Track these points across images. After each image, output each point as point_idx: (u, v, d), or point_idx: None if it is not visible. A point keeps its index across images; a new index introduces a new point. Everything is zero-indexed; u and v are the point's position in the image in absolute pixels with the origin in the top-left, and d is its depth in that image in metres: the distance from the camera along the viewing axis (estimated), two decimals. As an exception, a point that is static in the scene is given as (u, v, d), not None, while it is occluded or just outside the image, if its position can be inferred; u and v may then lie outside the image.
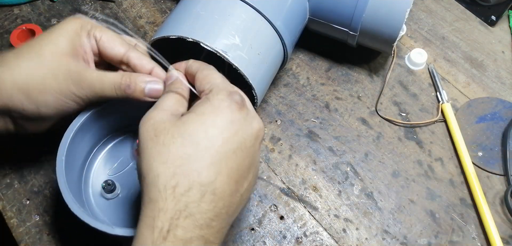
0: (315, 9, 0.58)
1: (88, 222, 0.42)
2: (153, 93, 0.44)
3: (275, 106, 0.61)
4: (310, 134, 0.59)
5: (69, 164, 0.47)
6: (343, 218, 0.53)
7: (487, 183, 0.56)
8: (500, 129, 0.60)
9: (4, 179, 0.53)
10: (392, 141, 0.59)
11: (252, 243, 0.51)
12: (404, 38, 0.69)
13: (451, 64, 0.67)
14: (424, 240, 0.52)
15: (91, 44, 0.45)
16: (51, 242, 0.50)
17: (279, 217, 0.53)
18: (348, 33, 0.59)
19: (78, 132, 0.48)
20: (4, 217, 0.51)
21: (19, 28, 0.62)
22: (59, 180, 0.44)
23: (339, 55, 0.66)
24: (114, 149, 0.54)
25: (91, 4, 0.69)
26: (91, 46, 0.45)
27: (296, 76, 0.64)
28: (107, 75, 0.44)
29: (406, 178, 0.56)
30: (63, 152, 0.46)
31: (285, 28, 0.54)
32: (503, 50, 0.69)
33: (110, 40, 0.46)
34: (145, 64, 0.46)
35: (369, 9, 0.56)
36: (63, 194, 0.43)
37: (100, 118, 0.51)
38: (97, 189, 0.51)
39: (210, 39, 0.48)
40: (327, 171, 0.56)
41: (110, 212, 0.50)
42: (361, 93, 0.63)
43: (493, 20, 0.71)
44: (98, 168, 0.53)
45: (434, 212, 0.54)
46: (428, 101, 0.63)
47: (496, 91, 0.64)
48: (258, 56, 0.51)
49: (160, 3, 0.70)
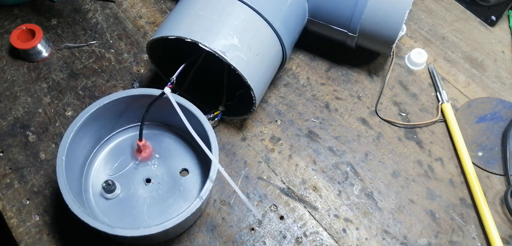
0: (314, 10, 0.58)
1: (88, 222, 0.42)
2: None
3: (275, 106, 0.61)
4: (310, 134, 0.59)
5: (69, 164, 0.47)
6: (343, 218, 0.53)
7: (487, 183, 0.56)
8: (500, 129, 0.60)
9: (4, 179, 0.53)
10: (392, 141, 0.59)
11: (252, 243, 0.51)
12: (404, 38, 0.69)
13: (451, 64, 0.67)
14: (424, 240, 0.52)
15: None
16: (51, 242, 0.50)
17: (279, 217, 0.53)
18: (347, 34, 0.59)
19: (78, 132, 0.48)
20: (4, 217, 0.51)
21: (19, 28, 0.62)
22: (59, 180, 0.44)
23: (339, 55, 0.66)
24: (114, 149, 0.54)
25: (91, 4, 0.69)
26: None
27: (296, 76, 0.64)
28: None
29: (406, 178, 0.56)
30: (63, 152, 0.46)
31: (284, 29, 0.54)
32: (503, 50, 0.69)
33: None
34: None
35: (368, 10, 0.56)
36: (63, 194, 0.43)
37: (100, 118, 0.51)
38: (97, 189, 0.51)
39: (208, 40, 0.48)
40: (327, 171, 0.56)
41: (110, 212, 0.50)
42: (361, 93, 0.63)
43: (493, 20, 0.70)
44: (98, 168, 0.53)
45: (434, 212, 0.54)
46: (428, 101, 0.63)
47: (496, 91, 0.64)
48: (256, 57, 0.51)
49: (160, 3, 0.70)
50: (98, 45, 0.65)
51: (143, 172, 0.53)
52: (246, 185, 0.55)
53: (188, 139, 0.55)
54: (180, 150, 0.55)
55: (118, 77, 0.62)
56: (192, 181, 0.53)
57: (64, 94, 0.60)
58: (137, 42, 0.65)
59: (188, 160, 0.54)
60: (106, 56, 0.64)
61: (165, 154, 0.54)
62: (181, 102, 0.50)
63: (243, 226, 0.52)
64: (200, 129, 0.49)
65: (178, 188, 0.52)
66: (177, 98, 0.49)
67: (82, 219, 0.42)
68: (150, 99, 0.49)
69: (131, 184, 0.52)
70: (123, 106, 0.52)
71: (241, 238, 0.51)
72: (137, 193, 0.51)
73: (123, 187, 0.51)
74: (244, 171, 0.56)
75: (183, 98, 0.50)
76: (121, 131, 0.55)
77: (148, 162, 0.53)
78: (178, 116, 0.47)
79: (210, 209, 0.53)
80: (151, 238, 0.47)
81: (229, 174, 0.53)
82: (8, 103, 0.59)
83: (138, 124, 0.52)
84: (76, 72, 0.62)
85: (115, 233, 0.42)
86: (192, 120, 0.48)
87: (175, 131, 0.56)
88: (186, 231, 0.51)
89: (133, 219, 0.50)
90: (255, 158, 0.57)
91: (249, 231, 0.52)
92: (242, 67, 0.49)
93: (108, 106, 0.50)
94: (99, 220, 0.44)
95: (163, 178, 0.52)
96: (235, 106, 0.58)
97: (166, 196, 0.51)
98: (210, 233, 0.51)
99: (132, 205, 0.51)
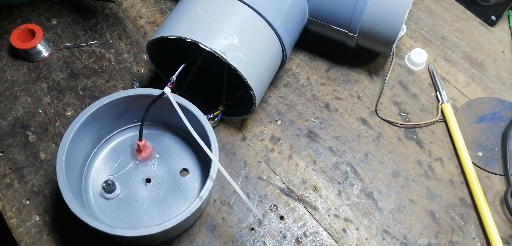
0: (314, 10, 0.58)
1: (88, 222, 0.42)
2: None
3: (275, 106, 0.61)
4: (310, 134, 0.59)
5: (69, 164, 0.47)
6: (343, 218, 0.53)
7: (487, 183, 0.56)
8: (500, 129, 0.60)
9: (4, 179, 0.53)
10: (392, 141, 0.59)
11: (252, 243, 0.51)
12: (404, 38, 0.69)
13: (451, 64, 0.67)
14: (424, 240, 0.52)
15: None
16: (51, 242, 0.50)
17: (279, 217, 0.53)
18: (347, 34, 0.59)
19: (78, 132, 0.48)
20: (4, 217, 0.51)
21: (19, 28, 0.62)
22: (59, 180, 0.44)
23: (339, 55, 0.66)
24: (114, 149, 0.54)
25: (91, 4, 0.69)
26: None
27: (296, 76, 0.64)
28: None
29: (406, 178, 0.56)
30: (63, 152, 0.46)
31: (284, 29, 0.54)
32: (503, 50, 0.69)
33: None
34: None
35: (368, 10, 0.56)
36: (63, 194, 0.43)
37: (100, 118, 0.51)
38: (97, 189, 0.51)
39: (208, 40, 0.48)
40: (327, 171, 0.56)
41: (110, 212, 0.50)
42: (361, 93, 0.63)
43: (493, 20, 0.70)
44: (98, 168, 0.53)
45: (434, 212, 0.54)
46: (428, 101, 0.63)
47: (496, 91, 0.64)
48: (256, 57, 0.51)
49: (160, 3, 0.70)
50: (98, 45, 0.65)
51: (143, 172, 0.53)
52: (246, 185, 0.55)
53: (188, 139, 0.55)
54: (180, 150, 0.55)
55: (118, 77, 0.62)
56: (192, 181, 0.53)
57: (64, 94, 0.60)
58: (137, 42, 0.65)
59: (188, 160, 0.54)
60: (106, 56, 0.64)
61: (165, 154, 0.54)
62: (181, 103, 0.50)
63: (243, 226, 0.52)
64: (200, 128, 0.49)
65: (178, 188, 0.52)
66: (177, 98, 0.49)
67: (82, 219, 0.42)
68: (150, 99, 0.49)
69: (131, 184, 0.52)
70: (123, 106, 0.52)
71: (241, 238, 0.51)
72: (137, 193, 0.51)
73: (123, 187, 0.51)
74: (244, 171, 0.56)
75: (183, 99, 0.50)
76: (121, 131, 0.55)
77: (148, 162, 0.53)
78: (178, 116, 0.47)
79: (210, 209, 0.53)
80: (151, 238, 0.47)
81: (229, 174, 0.53)
82: (8, 103, 0.59)
83: (138, 124, 0.52)
84: (76, 72, 0.62)
85: (115, 233, 0.42)
86: (192, 120, 0.48)
87: (175, 131, 0.56)
88: (186, 231, 0.51)
89: (133, 219, 0.50)
90: (255, 158, 0.57)
91: (249, 231, 0.52)
92: (242, 67, 0.49)
93: (108, 106, 0.50)
94: (99, 220, 0.44)
95: (163, 178, 0.52)
96: (235, 106, 0.58)
97: (166, 196, 0.51)
98: (210, 233, 0.51)
99: (132, 205, 0.51)
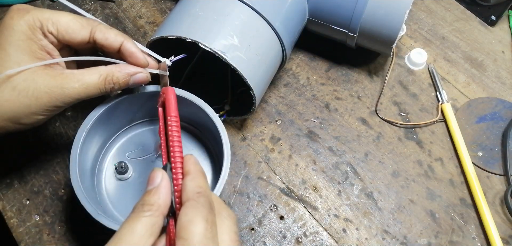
0: (314, 10, 0.58)
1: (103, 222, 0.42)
2: (138, 82, 0.46)
3: (275, 106, 0.61)
4: (310, 134, 0.59)
5: (84, 152, 0.47)
6: (343, 218, 0.53)
7: (487, 183, 0.56)
8: (500, 129, 0.60)
9: (4, 179, 0.53)
10: (392, 141, 0.59)
11: (252, 243, 0.51)
12: (404, 38, 0.69)
13: (451, 64, 0.67)
14: (424, 240, 0.52)
15: (51, 41, 0.43)
16: (51, 242, 0.50)
17: (279, 217, 0.53)
18: (347, 34, 0.59)
19: (96, 122, 0.48)
20: (4, 217, 0.51)
21: (19, 28, 0.62)
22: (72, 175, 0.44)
23: (339, 55, 0.66)
24: (137, 136, 0.55)
25: (91, 4, 0.69)
26: (51, 42, 0.43)
27: (296, 76, 0.64)
28: (90, 82, 0.43)
29: (406, 178, 0.56)
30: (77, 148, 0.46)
31: (284, 29, 0.54)
32: (503, 50, 0.69)
33: (69, 28, 0.43)
34: (140, 58, 0.46)
35: (368, 10, 0.56)
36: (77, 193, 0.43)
37: (118, 109, 0.51)
38: (110, 172, 0.52)
39: (208, 40, 0.48)
40: (327, 171, 0.56)
41: (120, 194, 0.51)
42: (361, 93, 0.63)
43: (493, 20, 0.70)
44: (116, 152, 0.54)
45: (434, 212, 0.54)
46: (428, 101, 0.63)
47: (496, 91, 0.64)
48: (256, 57, 0.51)
49: (160, 3, 0.70)
50: (98, 45, 0.65)
51: (159, 164, 0.53)
52: (246, 185, 0.55)
53: (198, 134, 0.56)
54: (191, 147, 0.55)
55: (118, 77, 0.62)
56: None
57: (64, 94, 0.60)
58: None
59: (197, 155, 0.54)
60: (106, 56, 0.64)
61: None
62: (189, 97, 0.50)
63: (243, 226, 0.52)
64: (210, 125, 0.49)
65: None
66: (182, 92, 0.50)
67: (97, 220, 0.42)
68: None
69: (145, 173, 0.52)
70: (143, 100, 0.52)
71: (241, 238, 0.51)
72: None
73: (136, 172, 0.52)
74: (244, 171, 0.56)
75: (190, 93, 0.50)
76: (144, 122, 0.56)
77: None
78: (187, 109, 0.47)
79: (210, 209, 0.53)
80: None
81: (229, 174, 0.53)
82: (8, 104, 0.59)
83: (152, 119, 0.54)
84: (76, 72, 0.62)
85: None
86: (200, 114, 0.49)
87: (183, 127, 0.56)
88: (186, 231, 0.51)
89: None
90: (255, 158, 0.57)
91: (249, 231, 0.52)
92: (242, 67, 0.49)
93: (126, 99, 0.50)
94: (110, 209, 0.44)
95: None
96: (235, 106, 0.58)
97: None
98: (210, 233, 0.51)
99: (142, 191, 0.51)
